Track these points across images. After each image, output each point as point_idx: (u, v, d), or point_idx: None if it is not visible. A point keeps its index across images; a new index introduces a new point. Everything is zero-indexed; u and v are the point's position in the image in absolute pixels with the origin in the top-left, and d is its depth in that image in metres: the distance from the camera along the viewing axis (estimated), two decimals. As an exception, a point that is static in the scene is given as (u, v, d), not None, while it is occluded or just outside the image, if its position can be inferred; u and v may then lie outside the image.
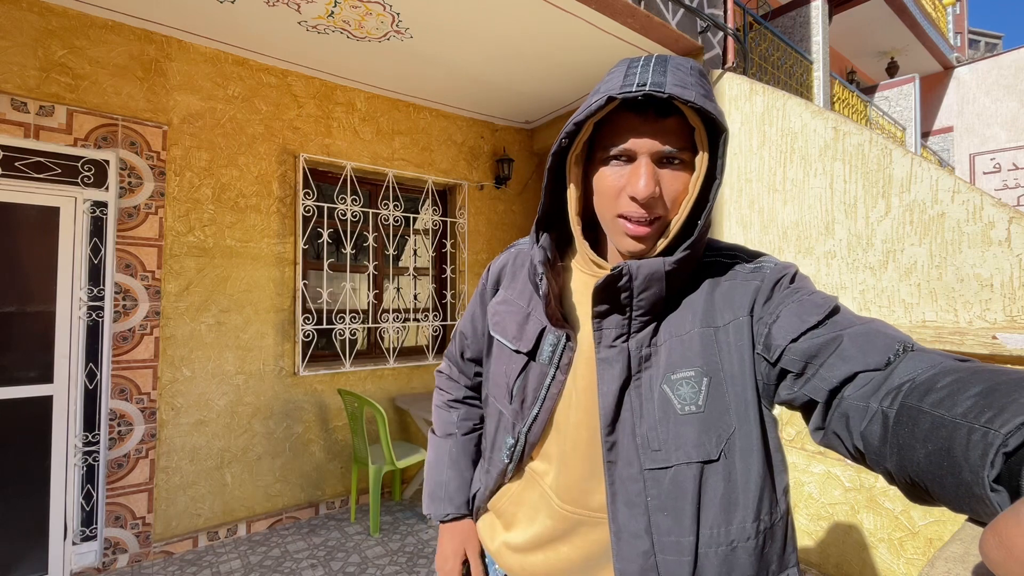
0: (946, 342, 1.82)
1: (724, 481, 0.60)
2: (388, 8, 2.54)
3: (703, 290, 0.66)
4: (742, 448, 0.60)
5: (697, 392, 0.61)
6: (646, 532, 0.61)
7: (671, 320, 0.65)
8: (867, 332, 0.55)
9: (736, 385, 0.61)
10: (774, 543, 0.61)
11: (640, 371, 0.65)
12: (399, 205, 3.67)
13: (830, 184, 2.43)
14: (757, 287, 0.64)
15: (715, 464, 0.60)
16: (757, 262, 0.68)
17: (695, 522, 0.59)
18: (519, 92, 3.62)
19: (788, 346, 0.57)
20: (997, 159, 7.60)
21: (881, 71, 8.15)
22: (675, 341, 0.64)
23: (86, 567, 2.56)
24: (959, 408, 0.41)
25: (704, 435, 0.60)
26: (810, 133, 2.52)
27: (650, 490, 0.61)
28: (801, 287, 0.63)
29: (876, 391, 0.50)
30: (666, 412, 0.62)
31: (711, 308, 0.65)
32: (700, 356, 0.62)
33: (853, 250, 2.30)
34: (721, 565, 0.59)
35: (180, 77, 2.85)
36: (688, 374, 0.62)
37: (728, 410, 0.61)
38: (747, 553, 0.59)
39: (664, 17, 2.73)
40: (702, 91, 0.60)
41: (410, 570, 2.58)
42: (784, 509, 0.63)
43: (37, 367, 2.47)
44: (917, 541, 2.01)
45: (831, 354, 0.54)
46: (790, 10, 5.67)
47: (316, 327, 3.28)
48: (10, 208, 2.43)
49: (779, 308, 0.61)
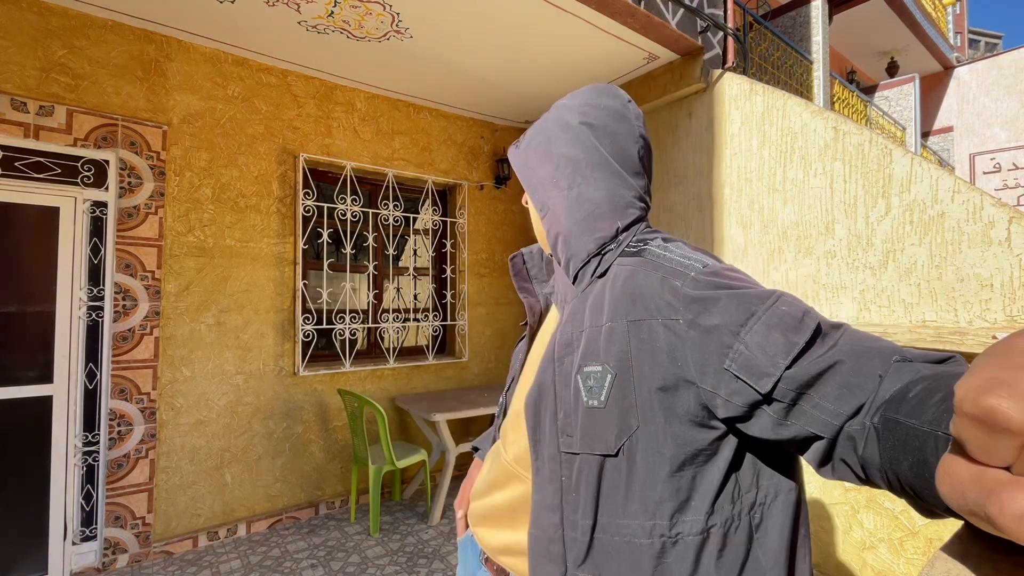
0: (946, 342, 1.82)
1: (621, 475, 0.61)
2: (388, 8, 2.54)
3: (622, 280, 0.66)
4: (645, 447, 0.60)
5: (601, 388, 0.63)
6: (558, 507, 0.65)
7: (590, 309, 0.68)
8: (858, 351, 0.51)
9: (645, 385, 0.60)
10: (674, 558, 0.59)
11: (563, 355, 0.68)
12: (399, 205, 3.67)
13: (830, 184, 2.43)
14: (679, 288, 0.61)
15: (613, 459, 0.62)
16: (687, 257, 0.65)
17: (594, 508, 0.63)
18: (519, 92, 3.62)
19: (784, 374, 0.51)
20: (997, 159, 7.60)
21: (881, 71, 8.15)
22: (592, 331, 0.66)
23: (86, 567, 2.56)
24: (926, 415, 0.41)
25: (605, 430, 0.62)
26: (810, 133, 2.52)
27: (564, 470, 0.66)
28: (757, 296, 0.56)
29: (868, 408, 0.48)
30: (577, 402, 0.65)
31: (629, 300, 0.64)
32: (609, 351, 0.63)
33: (853, 250, 2.30)
34: (614, 552, 0.61)
35: (180, 77, 2.85)
36: (596, 369, 0.64)
37: (632, 409, 0.61)
38: (640, 550, 0.59)
39: (664, 17, 2.73)
40: (517, 148, 0.82)
41: (410, 570, 2.58)
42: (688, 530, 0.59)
43: (37, 367, 2.47)
44: (917, 541, 2.01)
45: (834, 383, 0.50)
46: (790, 10, 5.67)
47: (316, 327, 3.28)
48: (10, 208, 2.43)
49: (748, 323, 0.54)
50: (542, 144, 0.78)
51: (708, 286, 0.59)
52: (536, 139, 0.79)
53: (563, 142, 0.75)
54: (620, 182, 0.73)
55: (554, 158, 0.75)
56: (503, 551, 0.78)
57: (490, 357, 4.17)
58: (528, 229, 4.45)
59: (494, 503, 0.80)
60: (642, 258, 0.67)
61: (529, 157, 0.79)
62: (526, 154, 0.80)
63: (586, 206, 0.72)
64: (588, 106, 0.76)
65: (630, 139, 0.75)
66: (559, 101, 0.81)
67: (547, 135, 0.78)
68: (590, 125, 0.75)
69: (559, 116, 0.78)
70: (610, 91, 0.78)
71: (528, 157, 0.79)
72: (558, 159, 0.75)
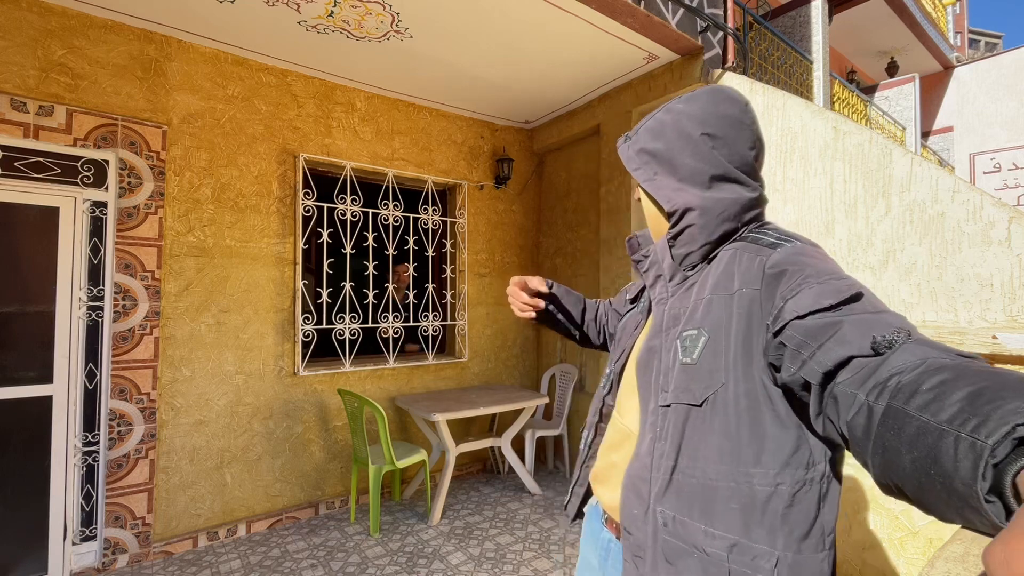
0: (946, 342, 1.81)
1: (703, 424, 0.70)
2: (388, 8, 2.54)
3: (726, 260, 0.76)
4: (726, 402, 0.69)
5: (695, 347, 0.72)
6: (650, 452, 0.76)
7: (698, 286, 0.78)
8: (871, 320, 0.55)
9: (735, 348, 0.69)
10: (746, 502, 0.67)
11: (670, 327, 0.79)
12: (399, 205, 3.67)
13: (830, 184, 2.43)
14: (764, 262, 0.70)
15: (698, 409, 0.71)
16: (779, 238, 0.73)
17: (676, 451, 0.73)
18: (519, 92, 3.62)
19: (792, 321, 0.61)
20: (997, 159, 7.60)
21: (881, 71, 8.14)
22: (696, 303, 0.76)
23: (86, 567, 2.56)
24: (944, 413, 0.41)
25: (694, 383, 0.71)
26: (810, 133, 2.52)
27: (660, 422, 0.75)
28: (823, 270, 0.65)
29: (865, 380, 0.50)
30: (674, 361, 0.75)
31: (728, 277, 0.73)
32: (706, 317, 0.73)
33: (853, 250, 2.30)
34: (691, 492, 0.71)
35: (180, 77, 2.85)
36: (692, 332, 0.74)
37: (720, 368, 0.69)
38: (716, 492, 0.68)
39: (664, 17, 2.73)
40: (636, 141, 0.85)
41: (410, 570, 2.58)
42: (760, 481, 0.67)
43: (37, 367, 2.47)
44: (917, 541, 2.01)
45: (830, 337, 0.56)
46: (790, 10, 5.67)
47: (316, 327, 3.28)
48: (10, 208, 2.43)
49: (800, 286, 0.63)
50: (662, 151, 0.81)
51: (786, 262, 0.68)
52: (653, 144, 0.83)
53: (686, 153, 0.79)
54: (742, 187, 0.79)
55: (678, 169, 0.79)
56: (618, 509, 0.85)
57: (490, 357, 4.17)
58: (527, 229, 4.46)
59: (611, 462, 0.89)
60: (743, 241, 0.77)
61: (645, 162, 0.83)
62: (640, 158, 0.84)
63: (717, 207, 0.77)
64: (708, 115, 0.79)
65: (748, 144, 0.80)
66: (674, 104, 0.83)
67: (666, 142, 0.81)
68: (712, 136, 0.78)
69: (678, 124, 0.80)
70: (729, 97, 0.81)
71: (643, 161, 0.84)
72: (683, 170, 0.79)
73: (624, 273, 3.48)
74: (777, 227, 0.79)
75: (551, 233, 4.39)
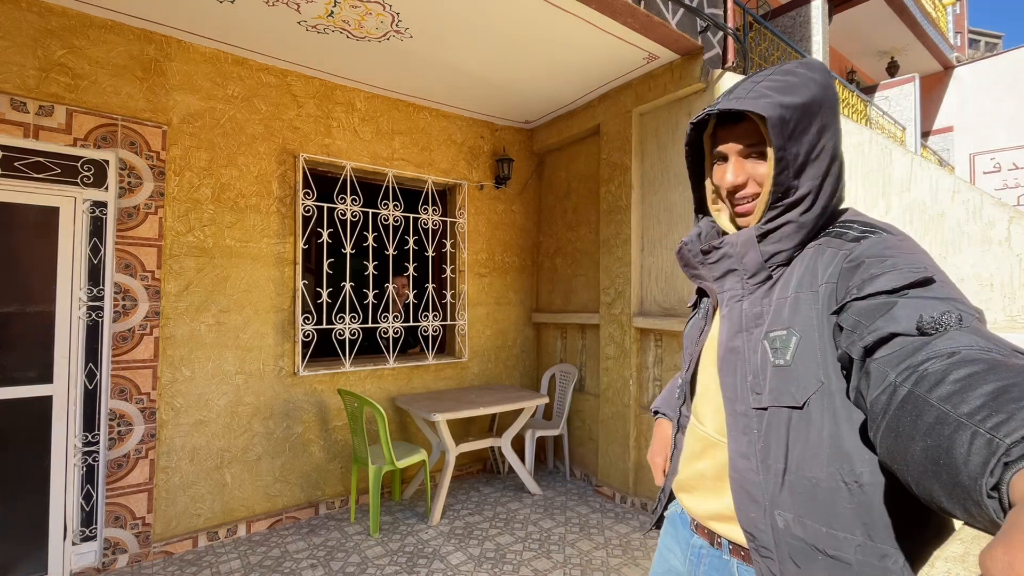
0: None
1: (806, 425, 0.69)
2: (388, 8, 2.54)
3: (809, 257, 0.74)
4: (827, 402, 0.67)
5: (787, 348, 0.71)
6: (753, 454, 0.74)
7: (780, 283, 0.76)
8: (929, 302, 0.53)
9: (824, 345, 0.68)
10: (859, 500, 0.65)
11: (752, 327, 0.76)
12: (399, 205, 3.67)
13: (830, 184, 2.42)
14: (846, 255, 0.68)
15: (800, 411, 0.69)
16: (864, 231, 0.71)
17: (784, 454, 0.71)
18: (519, 92, 3.62)
19: (851, 303, 0.60)
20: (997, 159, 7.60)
21: (881, 71, 8.14)
22: (780, 302, 0.74)
23: (86, 567, 2.56)
24: (966, 407, 0.41)
25: (792, 385, 0.69)
26: (810, 133, 2.51)
27: (756, 424, 0.74)
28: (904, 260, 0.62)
29: (902, 361, 0.50)
30: (765, 363, 0.73)
31: (812, 273, 0.71)
32: (794, 317, 0.71)
33: (853, 250, 2.30)
34: (804, 494, 0.69)
35: (180, 77, 2.85)
36: (781, 333, 0.72)
37: (817, 366, 0.68)
38: (829, 494, 0.67)
39: (664, 17, 2.73)
40: (762, 94, 0.73)
41: (410, 570, 2.58)
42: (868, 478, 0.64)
43: (37, 367, 2.47)
44: (917, 541, 2.01)
45: (882, 315, 0.55)
46: (790, 10, 5.67)
47: (316, 327, 3.28)
48: (10, 208, 2.43)
49: (873, 275, 0.62)
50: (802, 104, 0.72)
51: (866, 254, 0.66)
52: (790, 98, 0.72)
53: (818, 121, 0.73)
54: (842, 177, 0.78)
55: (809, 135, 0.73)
56: (713, 517, 0.84)
57: (490, 357, 4.17)
58: (527, 229, 4.46)
59: (698, 471, 0.88)
60: (827, 237, 0.74)
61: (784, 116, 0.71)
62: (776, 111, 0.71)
63: (817, 209, 0.75)
64: (830, 90, 0.75)
65: None
66: (793, 67, 0.76)
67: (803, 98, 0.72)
68: (833, 111, 0.76)
69: (809, 88, 0.73)
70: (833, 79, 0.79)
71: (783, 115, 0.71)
72: (813, 137, 0.73)
73: (624, 273, 3.48)
74: (864, 218, 0.76)
75: (551, 233, 4.39)
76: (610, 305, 3.58)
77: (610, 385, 3.57)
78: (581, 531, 3.02)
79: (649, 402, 3.41)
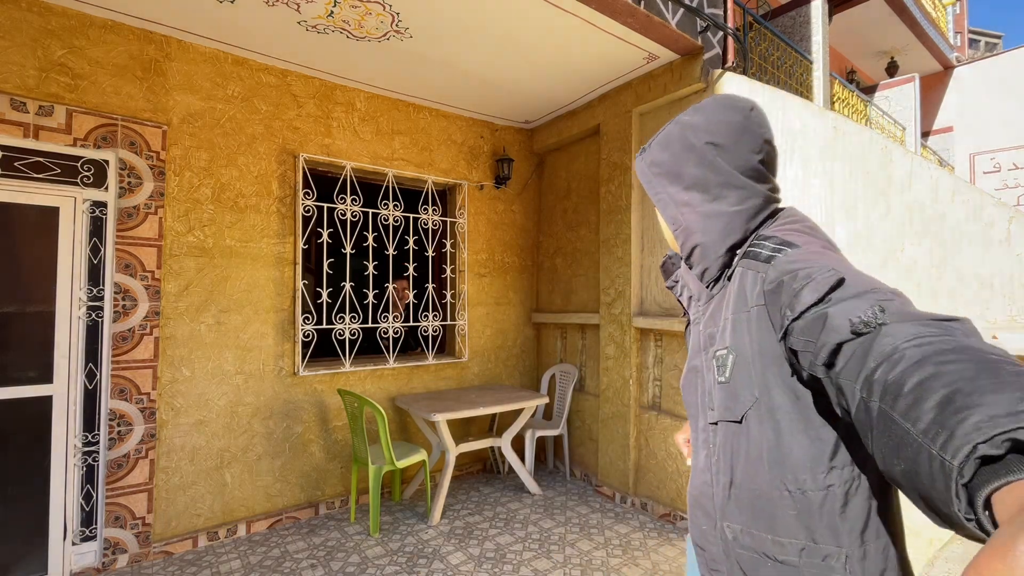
0: (946, 342, 1.81)
1: (746, 439, 0.74)
2: (388, 8, 2.54)
3: (738, 280, 0.78)
4: (762, 416, 0.71)
5: (726, 367, 0.76)
6: (708, 468, 0.81)
7: (725, 306, 0.80)
8: (851, 304, 0.55)
9: (759, 362, 0.72)
10: (802, 507, 0.69)
11: (708, 346, 0.82)
12: (399, 205, 3.67)
13: (830, 184, 2.42)
14: (764, 279, 0.72)
15: (738, 425, 0.74)
16: (773, 248, 0.73)
17: (729, 467, 0.76)
18: (519, 92, 3.62)
19: (791, 325, 0.62)
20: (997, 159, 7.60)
21: (881, 71, 8.14)
22: (723, 323, 0.79)
23: (86, 567, 2.56)
24: (921, 423, 0.41)
25: (731, 401, 0.75)
26: (810, 133, 2.52)
27: (711, 438, 0.80)
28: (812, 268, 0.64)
29: (859, 373, 0.50)
30: (713, 380, 0.79)
31: (742, 297, 0.76)
32: (731, 336, 0.76)
33: (853, 250, 2.30)
34: (749, 504, 0.74)
35: (179, 77, 2.84)
36: (722, 351, 0.77)
37: (752, 383, 0.72)
38: (772, 503, 0.71)
39: (664, 17, 2.73)
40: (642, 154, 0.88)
41: (410, 570, 2.58)
42: (811, 484, 0.68)
43: (37, 367, 2.47)
44: (917, 541, 2.01)
45: (821, 329, 0.57)
46: (790, 10, 5.67)
47: (316, 327, 3.28)
48: (10, 208, 2.43)
49: (794, 292, 0.64)
50: (668, 163, 0.83)
51: (781, 274, 0.68)
52: (661, 156, 0.84)
53: (690, 163, 0.80)
54: (748, 192, 0.79)
55: (683, 179, 0.81)
56: None
57: (490, 357, 4.17)
58: (527, 229, 4.46)
59: None
60: (748, 259, 0.78)
61: (655, 174, 0.85)
62: (651, 171, 0.86)
63: (718, 222, 0.79)
64: (712, 124, 0.80)
65: (754, 149, 0.80)
66: (682, 117, 0.85)
67: (672, 154, 0.82)
68: (715, 145, 0.79)
69: (683, 136, 0.81)
70: (733, 105, 0.81)
71: (654, 174, 0.85)
72: (687, 180, 0.80)
73: (624, 273, 3.48)
74: (776, 232, 0.77)
75: (551, 233, 4.39)
76: (610, 305, 3.58)
77: (610, 385, 3.57)
78: (581, 531, 3.02)
79: (649, 402, 3.42)
